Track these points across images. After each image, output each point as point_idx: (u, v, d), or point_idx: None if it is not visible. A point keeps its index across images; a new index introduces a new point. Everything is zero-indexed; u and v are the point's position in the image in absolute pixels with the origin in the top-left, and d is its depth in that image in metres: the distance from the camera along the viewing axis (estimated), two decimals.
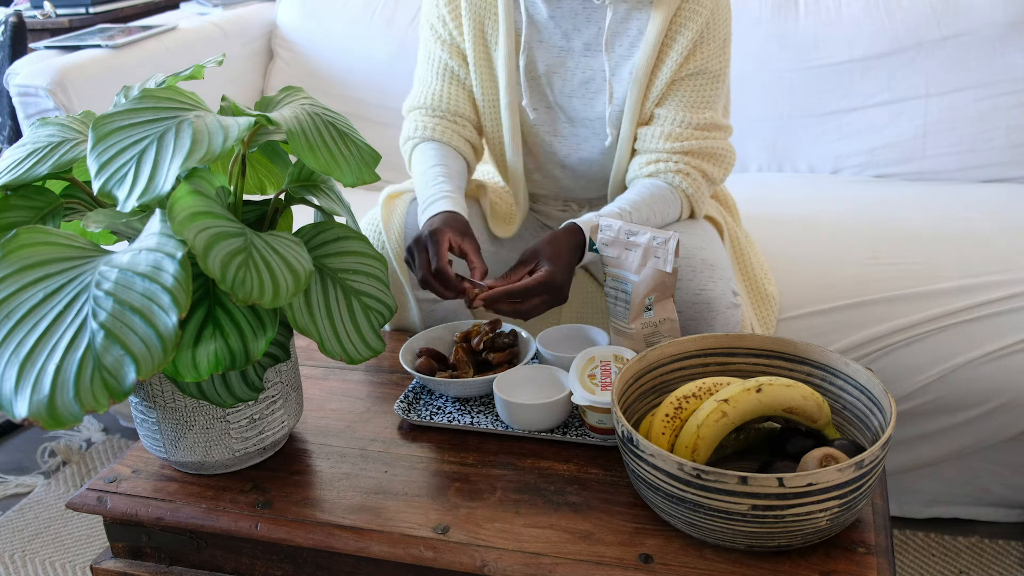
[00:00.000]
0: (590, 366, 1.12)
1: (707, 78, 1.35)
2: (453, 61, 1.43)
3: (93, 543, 1.79)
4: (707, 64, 1.34)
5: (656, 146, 1.36)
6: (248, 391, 1.01)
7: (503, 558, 0.93)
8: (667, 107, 1.36)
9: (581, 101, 1.40)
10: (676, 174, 1.36)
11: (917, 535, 1.69)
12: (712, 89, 1.36)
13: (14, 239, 0.87)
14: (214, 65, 1.11)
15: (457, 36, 1.41)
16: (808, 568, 0.89)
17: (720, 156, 1.39)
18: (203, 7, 2.70)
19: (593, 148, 1.43)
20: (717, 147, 1.38)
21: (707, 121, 1.36)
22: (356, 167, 1.05)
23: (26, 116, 2.03)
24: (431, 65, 1.45)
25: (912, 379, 1.56)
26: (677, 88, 1.35)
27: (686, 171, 1.36)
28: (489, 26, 1.39)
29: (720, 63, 1.36)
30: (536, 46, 1.39)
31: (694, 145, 1.35)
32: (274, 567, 1.04)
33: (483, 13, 1.39)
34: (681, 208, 1.39)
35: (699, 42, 1.32)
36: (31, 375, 0.80)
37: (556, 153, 1.45)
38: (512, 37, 1.38)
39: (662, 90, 1.35)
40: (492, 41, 1.40)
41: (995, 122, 1.99)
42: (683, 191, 1.37)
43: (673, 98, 1.36)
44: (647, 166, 1.37)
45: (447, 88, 1.44)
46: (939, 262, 1.64)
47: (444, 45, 1.43)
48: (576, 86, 1.40)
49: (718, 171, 1.40)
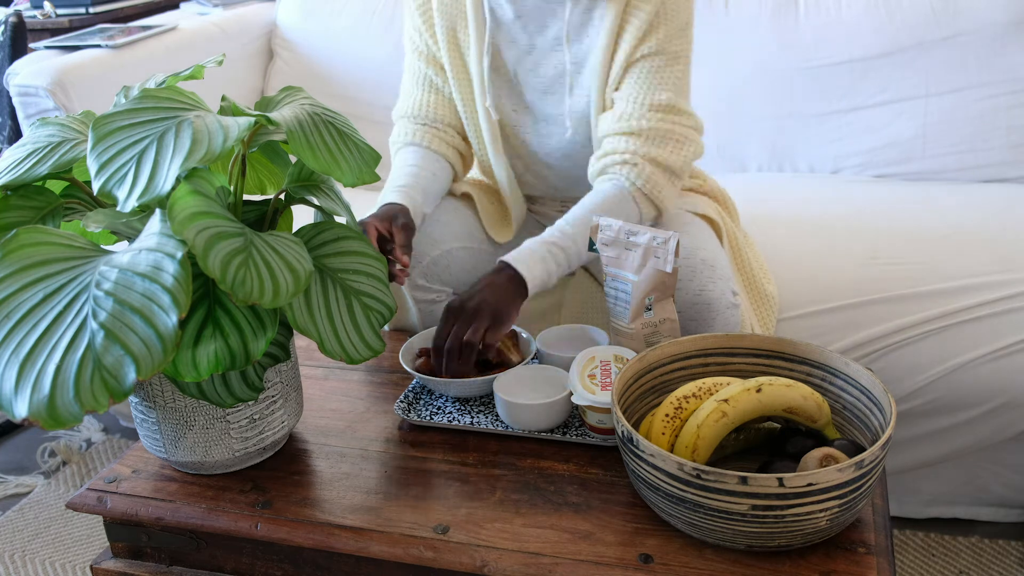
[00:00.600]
0: (590, 366, 1.12)
1: (664, 59, 1.31)
2: (431, 71, 1.45)
3: (93, 543, 1.79)
4: (664, 45, 1.30)
5: (608, 128, 1.33)
6: (248, 391, 1.01)
7: (503, 558, 0.93)
8: (623, 90, 1.34)
9: (555, 97, 1.40)
10: (623, 166, 1.31)
11: (917, 535, 1.69)
12: (670, 71, 1.32)
13: (14, 239, 0.87)
14: (214, 65, 1.11)
15: (432, 46, 1.43)
16: (808, 568, 0.89)
17: (677, 141, 1.32)
18: (203, 7, 2.70)
19: (572, 143, 1.42)
20: (672, 131, 1.31)
21: (663, 103, 1.31)
22: (356, 167, 1.05)
23: (26, 116, 2.03)
24: (413, 76, 1.48)
25: (912, 379, 1.56)
26: (632, 70, 1.32)
27: (632, 161, 1.30)
28: (460, 31, 1.40)
29: (679, 45, 1.32)
30: (506, 46, 1.39)
31: (644, 125, 1.30)
32: (274, 567, 1.04)
33: (454, 19, 1.40)
34: (637, 206, 1.32)
35: (655, 24, 1.30)
36: (31, 375, 0.80)
37: (538, 152, 1.46)
38: (482, 40, 1.39)
39: (619, 75, 1.33)
40: (464, 46, 1.41)
41: (995, 122, 1.99)
42: (634, 187, 1.31)
43: (628, 79, 1.33)
44: (598, 161, 1.34)
45: (428, 97, 1.46)
46: (939, 262, 1.64)
47: (422, 56, 1.45)
48: (548, 83, 1.40)
49: (674, 158, 1.32)
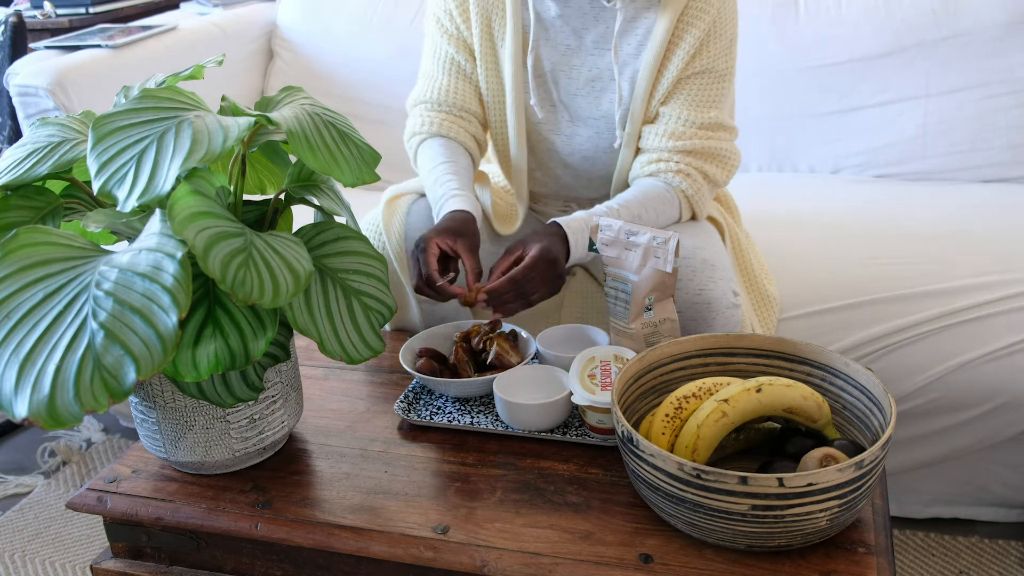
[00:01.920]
0: (590, 366, 1.12)
1: (713, 77, 1.34)
2: (460, 56, 1.42)
3: (93, 543, 1.79)
4: (713, 63, 1.33)
5: (659, 144, 1.36)
6: (248, 391, 1.01)
7: (503, 558, 0.93)
8: (672, 105, 1.36)
9: (587, 100, 1.40)
10: (676, 174, 1.35)
11: (917, 535, 1.69)
12: (718, 88, 1.35)
13: (14, 239, 0.87)
14: (214, 65, 1.11)
15: (464, 31, 1.41)
16: (808, 568, 0.89)
17: (723, 157, 1.38)
18: (203, 7, 2.70)
19: (596, 147, 1.42)
20: (720, 148, 1.36)
21: (711, 121, 1.35)
22: (356, 167, 1.05)
23: (26, 116, 2.03)
24: (437, 59, 1.44)
25: (912, 379, 1.56)
26: (682, 87, 1.35)
27: (686, 171, 1.35)
28: (496, 23, 1.39)
29: (726, 63, 1.35)
30: (543, 44, 1.39)
31: (697, 144, 1.35)
32: (274, 567, 1.04)
33: (491, 9, 1.39)
34: (680, 209, 1.38)
35: (706, 41, 1.32)
36: (31, 375, 0.80)
37: (559, 151, 1.45)
38: (519, 35, 1.38)
39: (667, 89, 1.35)
40: (499, 38, 1.40)
41: (995, 122, 1.99)
42: (682, 192, 1.36)
43: (678, 97, 1.35)
44: (648, 165, 1.37)
45: (453, 83, 1.43)
46: (939, 262, 1.64)
47: (451, 39, 1.42)
48: (582, 84, 1.39)
49: (721, 173, 1.38)
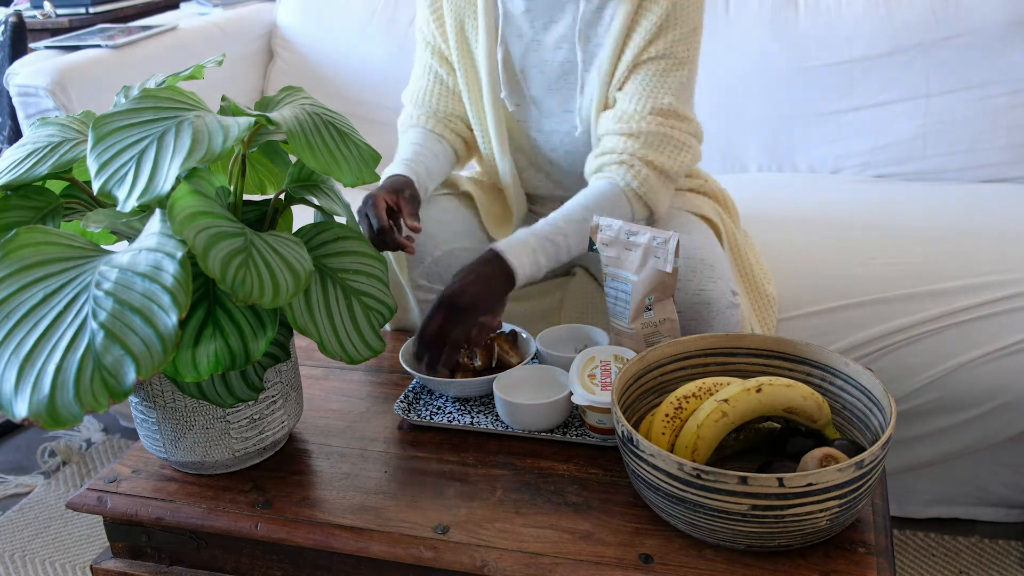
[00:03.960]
0: (590, 366, 1.12)
1: (670, 63, 1.31)
2: (437, 64, 1.46)
3: (93, 543, 1.79)
4: (671, 49, 1.31)
5: (609, 127, 1.34)
6: (248, 391, 1.01)
7: (503, 558, 0.93)
8: (626, 90, 1.34)
9: (560, 95, 1.40)
10: (619, 166, 1.31)
11: (917, 535, 1.69)
12: (674, 75, 1.32)
13: (14, 239, 0.87)
14: (214, 65, 1.11)
15: (440, 39, 1.44)
16: (808, 568, 0.89)
17: (675, 146, 1.32)
18: (203, 7, 2.70)
19: (576, 141, 1.43)
20: (671, 136, 1.32)
21: (665, 107, 1.31)
22: (356, 167, 1.05)
23: (26, 116, 2.03)
24: (421, 65, 1.49)
25: (912, 379, 1.56)
26: (638, 71, 1.33)
27: (629, 162, 1.31)
28: (469, 24, 1.41)
29: (686, 51, 1.32)
30: (513, 40, 1.40)
31: (644, 128, 1.31)
32: (274, 567, 1.04)
33: (463, 12, 1.41)
34: (631, 206, 1.32)
35: (664, 25, 1.30)
36: (31, 375, 0.80)
37: (541, 148, 1.46)
38: (492, 32, 1.39)
39: (624, 74, 1.33)
40: (472, 38, 1.41)
41: (995, 122, 1.99)
42: (628, 188, 1.31)
43: (633, 81, 1.33)
44: (595, 159, 1.35)
45: (435, 88, 1.47)
46: (939, 262, 1.64)
47: (427, 48, 1.46)
48: (554, 79, 1.40)
49: (670, 163, 1.32)
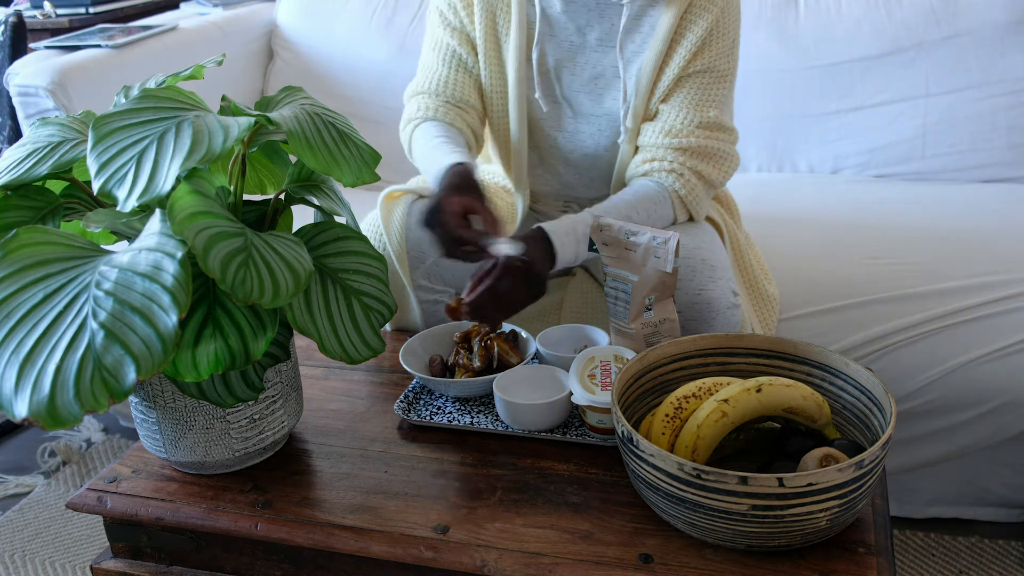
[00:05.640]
0: (590, 366, 1.12)
1: (714, 77, 1.34)
2: (462, 49, 1.42)
3: (93, 543, 1.79)
4: (715, 63, 1.33)
5: (655, 141, 1.36)
6: (248, 391, 1.01)
7: (503, 558, 0.93)
8: (671, 103, 1.36)
9: (590, 97, 1.40)
10: (669, 174, 1.34)
11: (917, 535, 1.69)
12: (718, 89, 1.35)
13: (14, 239, 0.87)
14: (214, 65, 1.11)
15: (468, 24, 1.41)
16: (808, 568, 0.89)
17: (720, 158, 1.37)
18: (203, 7, 2.70)
19: (597, 144, 1.43)
20: (718, 148, 1.36)
21: (710, 120, 1.35)
22: (356, 167, 1.05)
23: (26, 116, 2.03)
24: (438, 52, 1.44)
25: (912, 379, 1.56)
26: (683, 85, 1.35)
27: (679, 171, 1.34)
28: (501, 17, 1.39)
29: (728, 64, 1.35)
30: (547, 40, 1.39)
31: (693, 143, 1.34)
32: (274, 567, 1.04)
33: (495, 5, 1.39)
34: (674, 210, 1.37)
35: (708, 40, 1.32)
36: (31, 375, 0.80)
37: (560, 148, 1.46)
38: (524, 30, 1.38)
39: (669, 86, 1.35)
40: (503, 33, 1.40)
41: (995, 122, 1.99)
42: (675, 192, 1.35)
43: (678, 95, 1.35)
44: (643, 164, 1.37)
45: (454, 75, 1.42)
46: (939, 262, 1.64)
47: (454, 32, 1.42)
48: (585, 81, 1.40)
49: (717, 173, 1.37)
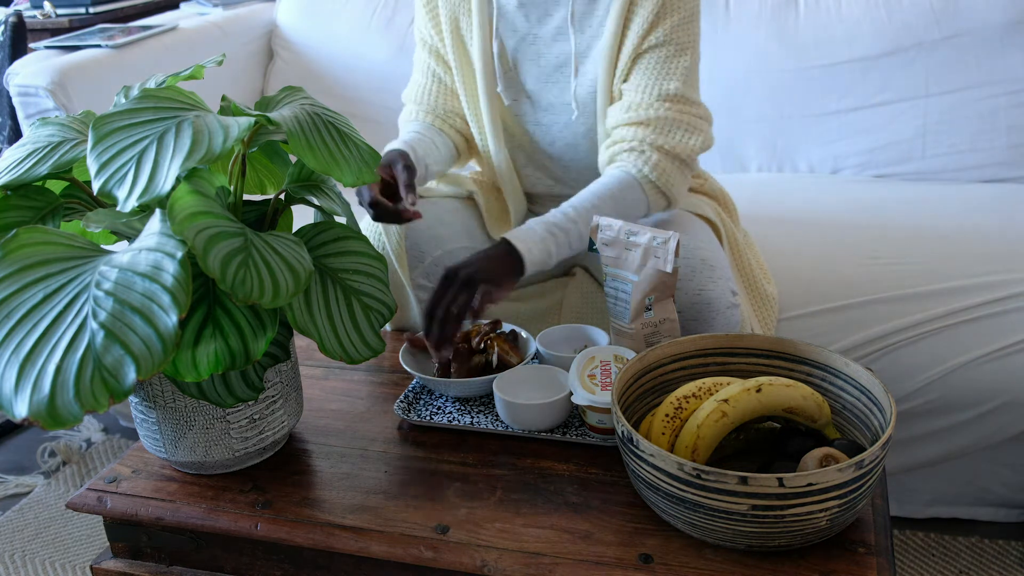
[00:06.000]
0: (590, 366, 1.12)
1: (672, 50, 1.32)
2: (438, 67, 1.47)
3: (93, 543, 1.79)
4: (671, 35, 1.32)
5: (617, 119, 1.34)
6: (248, 391, 1.01)
7: (503, 558, 0.93)
8: (631, 81, 1.35)
9: (557, 87, 1.41)
10: (630, 153, 1.32)
11: (917, 535, 1.69)
12: (677, 61, 1.33)
13: (14, 239, 0.87)
14: (214, 65, 1.11)
15: (436, 39, 1.45)
16: (808, 568, 0.89)
17: (685, 130, 1.33)
18: (203, 7, 2.70)
19: (574, 133, 1.43)
20: (682, 120, 1.32)
21: (671, 92, 1.32)
22: (356, 167, 1.05)
23: (26, 116, 2.03)
24: (420, 65, 1.51)
25: (912, 379, 1.56)
26: (640, 60, 1.34)
27: (639, 149, 1.31)
28: (464, 21, 1.42)
29: (687, 36, 1.33)
30: (507, 35, 1.41)
31: (652, 115, 1.31)
32: (274, 567, 1.04)
33: (457, 9, 1.42)
34: (644, 194, 1.33)
35: (661, 13, 1.31)
36: (31, 375, 0.80)
37: (539, 142, 1.47)
38: (485, 27, 1.40)
39: (627, 65, 1.34)
40: (467, 36, 1.43)
41: (995, 122, 1.99)
42: (643, 176, 1.32)
43: (637, 71, 1.34)
44: (607, 150, 1.36)
45: (433, 86, 1.49)
46: (939, 262, 1.64)
47: (428, 49, 1.48)
48: (550, 72, 1.41)
49: (684, 146, 1.32)
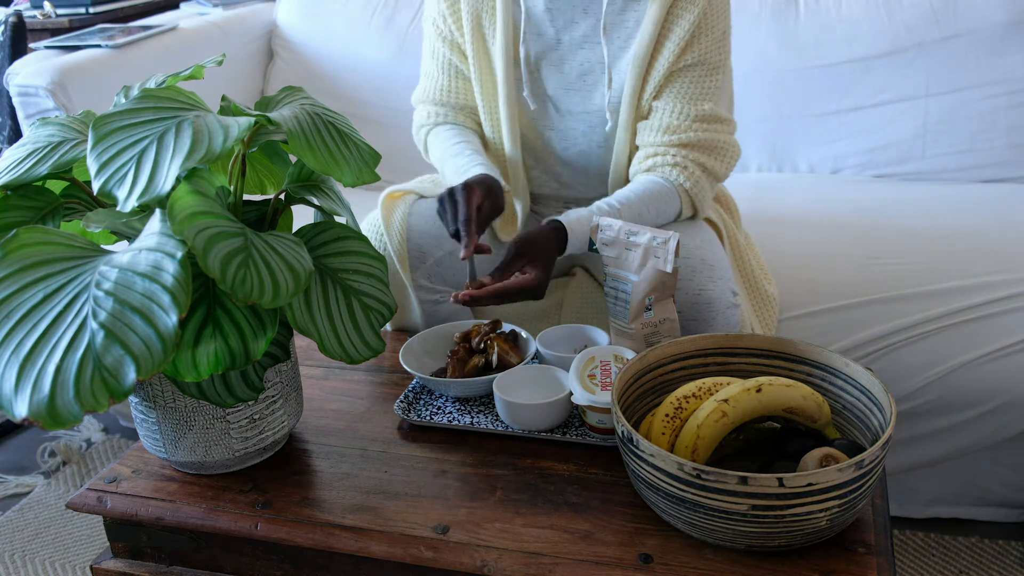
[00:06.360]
0: (590, 366, 1.12)
1: (706, 70, 1.34)
2: (454, 57, 1.45)
3: (93, 543, 1.79)
4: (705, 56, 1.33)
5: (654, 139, 1.36)
6: (248, 391, 1.01)
7: (503, 558, 0.93)
8: (665, 99, 1.36)
9: (579, 94, 1.41)
10: (673, 168, 1.35)
11: (917, 535, 1.69)
12: (711, 81, 1.35)
13: (14, 239, 0.87)
14: (214, 65, 1.11)
15: (456, 33, 1.43)
16: (808, 568, 0.89)
17: (721, 149, 1.37)
18: (203, 7, 2.70)
19: (590, 141, 1.43)
20: (717, 140, 1.36)
21: (707, 113, 1.35)
22: (356, 167, 1.05)
23: (26, 116, 2.03)
24: (436, 60, 1.48)
25: (912, 379, 1.56)
26: (675, 80, 1.35)
27: (683, 164, 1.35)
28: (486, 20, 1.40)
29: (719, 55, 1.35)
30: (532, 39, 1.40)
31: (692, 137, 1.34)
32: (274, 567, 1.04)
33: (480, 8, 1.40)
34: (680, 205, 1.37)
35: (696, 33, 1.32)
36: (31, 375, 0.80)
37: (553, 147, 1.46)
38: (510, 29, 1.39)
39: (660, 82, 1.35)
40: (489, 35, 1.41)
41: (995, 122, 1.99)
42: (681, 187, 1.35)
43: (671, 90, 1.35)
44: (645, 160, 1.37)
45: (453, 83, 1.47)
46: (939, 262, 1.64)
47: (445, 41, 1.45)
48: (573, 79, 1.40)
49: (719, 165, 1.37)
